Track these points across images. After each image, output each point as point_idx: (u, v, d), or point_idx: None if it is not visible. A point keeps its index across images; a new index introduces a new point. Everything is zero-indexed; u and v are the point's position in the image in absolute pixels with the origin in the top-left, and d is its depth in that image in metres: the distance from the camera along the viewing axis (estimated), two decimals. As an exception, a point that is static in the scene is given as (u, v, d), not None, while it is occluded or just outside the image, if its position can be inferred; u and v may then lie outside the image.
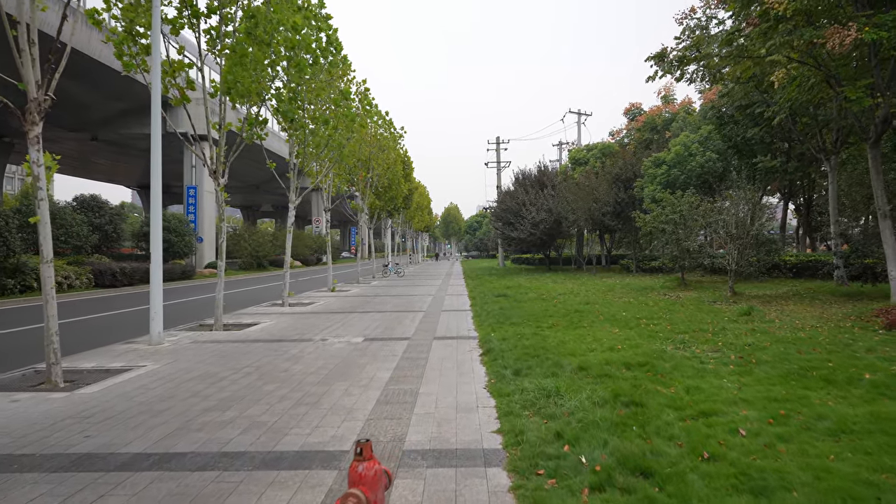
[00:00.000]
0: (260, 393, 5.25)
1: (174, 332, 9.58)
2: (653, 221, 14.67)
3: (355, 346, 7.83)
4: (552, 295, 14.66)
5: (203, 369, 6.35)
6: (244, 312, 12.47)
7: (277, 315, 11.83)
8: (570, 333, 8.01)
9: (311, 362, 6.68)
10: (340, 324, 10.20)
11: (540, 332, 8.11)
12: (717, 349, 6.45)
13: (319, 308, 13.20)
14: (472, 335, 8.57)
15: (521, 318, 9.98)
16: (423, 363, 6.53)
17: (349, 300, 15.14)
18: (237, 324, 10.60)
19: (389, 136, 23.16)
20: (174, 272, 23.22)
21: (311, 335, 8.88)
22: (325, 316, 11.50)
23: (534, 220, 25.82)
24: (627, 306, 11.33)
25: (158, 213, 8.31)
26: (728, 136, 18.98)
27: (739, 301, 11.35)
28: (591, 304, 11.77)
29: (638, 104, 28.83)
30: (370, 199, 24.68)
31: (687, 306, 10.82)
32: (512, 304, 12.31)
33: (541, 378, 5.32)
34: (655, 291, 14.24)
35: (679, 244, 13.95)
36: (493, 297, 14.64)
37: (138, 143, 34.35)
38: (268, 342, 8.27)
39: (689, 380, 4.97)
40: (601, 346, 6.91)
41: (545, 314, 10.36)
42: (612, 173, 22.71)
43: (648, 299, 12.57)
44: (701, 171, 18.22)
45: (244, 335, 9.04)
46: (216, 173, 10.01)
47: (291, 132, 13.72)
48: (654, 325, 8.49)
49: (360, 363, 6.58)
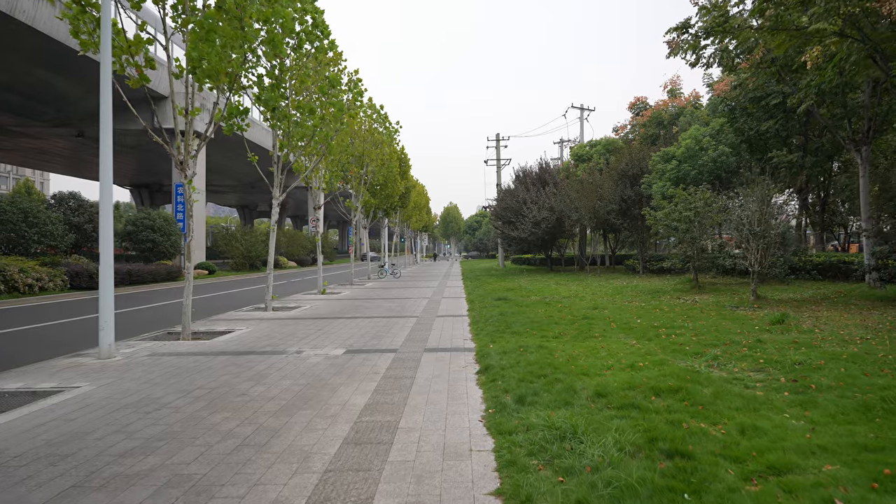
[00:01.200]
0: (201, 427, 4.22)
1: (135, 341, 8.54)
2: (665, 219, 13.64)
3: (333, 360, 6.79)
4: (556, 298, 13.62)
5: (145, 392, 5.31)
6: (221, 318, 11.44)
7: (256, 321, 10.80)
8: (581, 346, 6.97)
9: (275, 383, 5.64)
10: (322, 332, 9.16)
11: (546, 344, 7.08)
12: (760, 368, 5.40)
13: (304, 313, 12.17)
14: (468, 346, 7.54)
15: (523, 325, 8.94)
16: (408, 384, 5.49)
17: (338, 304, 14.11)
18: (209, 332, 9.58)
19: (384, 130, 22.11)
20: (159, 273, 22.17)
21: (286, 346, 7.84)
22: (307, 322, 10.47)
23: (535, 218, 24.77)
24: (640, 312, 10.29)
25: (109, 206, 7.28)
26: (740, 130, 17.95)
27: (765, 306, 10.31)
28: (599, 310, 10.74)
29: (643, 98, 27.72)
30: (365, 197, 23.66)
31: (707, 312, 9.77)
32: (513, 309, 11.28)
33: (550, 408, 4.29)
34: (668, 294, 13.20)
35: (693, 243, 12.91)
36: (492, 300, 13.61)
37: (127, 140, 33.31)
38: (235, 355, 7.24)
39: (740, 414, 3.93)
40: (619, 362, 5.86)
41: (550, 321, 9.32)
42: (617, 169, 21.65)
43: (662, 303, 11.54)
44: (713, 166, 17.17)
45: (211, 346, 8.00)
46: (183, 164, 8.98)
47: (274, 123, 12.69)
48: (676, 335, 7.44)
49: (334, 384, 5.55)
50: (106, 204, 7.23)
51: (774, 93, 16.57)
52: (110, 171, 7.28)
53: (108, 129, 7.32)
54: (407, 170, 31.01)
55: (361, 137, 21.30)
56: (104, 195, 7.24)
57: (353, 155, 20.95)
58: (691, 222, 12.83)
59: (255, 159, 13.06)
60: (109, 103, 7.32)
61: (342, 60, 15.93)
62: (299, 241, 43.15)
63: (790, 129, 17.21)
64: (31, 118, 28.67)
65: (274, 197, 13.46)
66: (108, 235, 7.22)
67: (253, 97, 12.39)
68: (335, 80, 12.62)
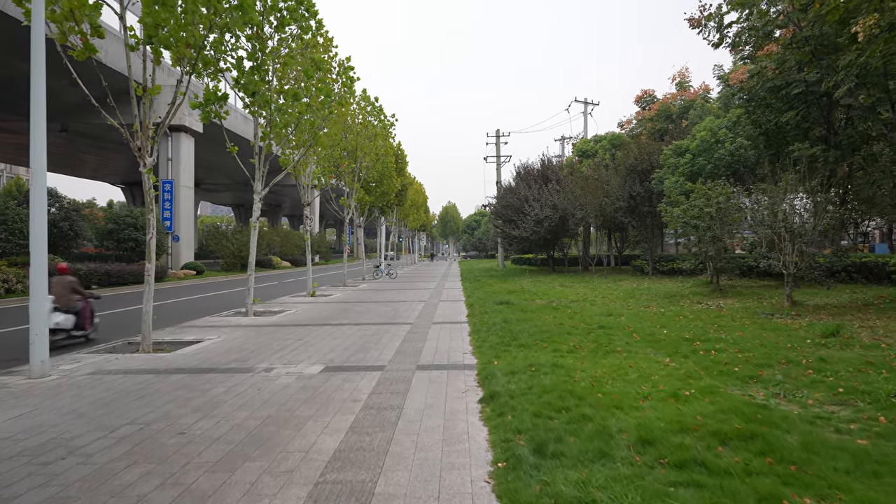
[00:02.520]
0: (103, 492, 3.08)
1: (84, 354, 7.40)
2: (683, 216, 12.50)
3: (306, 381, 5.65)
4: (563, 302, 12.49)
5: (59, 430, 4.17)
6: (194, 325, 10.29)
7: (232, 329, 9.65)
8: (603, 364, 5.85)
9: (228, 415, 4.50)
10: (303, 342, 8.03)
11: (561, 362, 5.95)
12: (843, 400, 4.27)
13: (286, 319, 11.03)
14: (468, 362, 6.41)
15: (531, 335, 7.81)
16: (394, 417, 4.36)
17: (326, 308, 12.97)
18: (175, 341, 8.45)
19: (379, 124, 20.96)
20: (140, 274, 20.97)
21: (256, 361, 6.70)
22: (288, 331, 9.32)
23: (537, 217, 23.64)
24: (662, 319, 9.17)
25: (42, 197, 6.13)
26: (757, 122, 16.83)
27: (803, 313, 9.15)
28: (615, 317, 9.61)
29: (651, 91, 26.52)
30: (359, 194, 22.51)
31: (740, 321, 8.64)
32: (517, 315, 10.15)
33: (582, 463, 3.16)
34: (686, 298, 12.08)
35: (714, 242, 11.79)
36: (493, 304, 12.48)
37: (115, 136, 32.07)
38: (192, 373, 6.10)
39: (856, 482, 2.80)
40: (656, 389, 4.74)
41: (561, 331, 8.19)
42: (625, 164, 20.48)
43: (683, 309, 10.41)
44: (731, 160, 16.04)
45: (169, 361, 6.86)
46: (141, 151, 7.83)
47: (254, 110, 11.55)
48: (715, 351, 6.29)
49: (301, 417, 4.41)
50: (38, 194, 6.09)
51: (796, 81, 15.43)
52: (43, 157, 6.15)
53: (40, 105, 6.17)
54: (404, 166, 29.86)
55: (355, 131, 20.17)
56: (36, 184, 6.10)
57: (346, 149, 19.82)
58: (713, 219, 11.70)
59: (234, 150, 11.94)
60: (41, 74, 6.15)
61: (333, 47, 14.81)
62: (293, 241, 41.98)
63: (812, 121, 16.09)
64: (9, 112, 27.44)
65: (255, 191, 12.33)
66: (41, 231, 6.08)
67: (232, 81, 11.31)
68: (321, 63, 11.47)
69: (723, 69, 23.13)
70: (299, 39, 11.92)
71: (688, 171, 16.63)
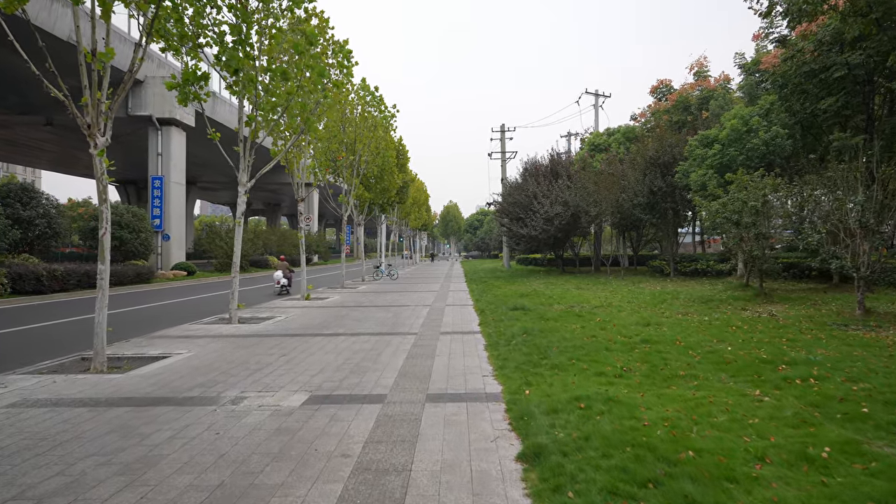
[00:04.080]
0: None
1: (19, 375, 6.06)
2: (722, 210, 11.12)
3: (283, 420, 4.31)
4: (586, 308, 11.14)
5: None
6: (167, 334, 8.95)
7: (209, 339, 8.31)
8: (670, 397, 4.50)
9: (162, 481, 3.16)
10: (287, 360, 6.68)
11: (614, 394, 4.60)
12: None
13: (274, 327, 9.69)
14: (491, 390, 5.07)
15: (563, 352, 6.47)
16: (398, 492, 3.01)
17: (320, 313, 11.62)
18: (137, 357, 7.12)
19: (379, 113, 19.61)
20: (125, 275, 19.65)
21: (225, 387, 5.36)
22: (272, 342, 7.98)
23: (547, 214, 22.26)
24: (713, 330, 7.82)
25: None
26: (791, 110, 15.45)
27: (883, 323, 7.74)
28: (654, 327, 8.25)
29: (667, 81, 25.02)
30: (358, 191, 21.16)
31: (811, 333, 7.23)
32: (539, 325, 8.80)
33: None
34: (726, 304, 10.72)
35: (760, 240, 10.42)
36: (507, 309, 11.14)
37: (103, 130, 30.75)
38: (139, 407, 4.76)
39: None
40: (766, 441, 3.40)
41: (597, 345, 6.84)
42: (646, 157, 19.09)
43: (731, 317, 9.04)
44: (765, 151, 14.66)
45: (117, 386, 5.52)
46: (91, 128, 6.48)
47: (238, 90, 10.22)
48: (813, 378, 4.88)
49: (264, 488, 3.07)
50: None
51: (836, 64, 14.08)
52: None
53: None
54: (405, 162, 28.50)
55: (354, 123, 18.82)
56: None
57: (344, 141, 18.48)
58: (757, 214, 10.34)
59: (216, 137, 10.63)
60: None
61: (329, 28, 13.44)
62: (291, 240, 40.66)
63: (853, 108, 14.72)
64: (-8, 105, 26.13)
65: (240, 183, 10.99)
66: None
67: (213, 59, 10.00)
68: (312, 35, 10.11)
69: (744, 57, 21.71)
70: (289, 12, 10.60)
71: (717, 162, 15.23)
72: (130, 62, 6.68)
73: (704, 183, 15.13)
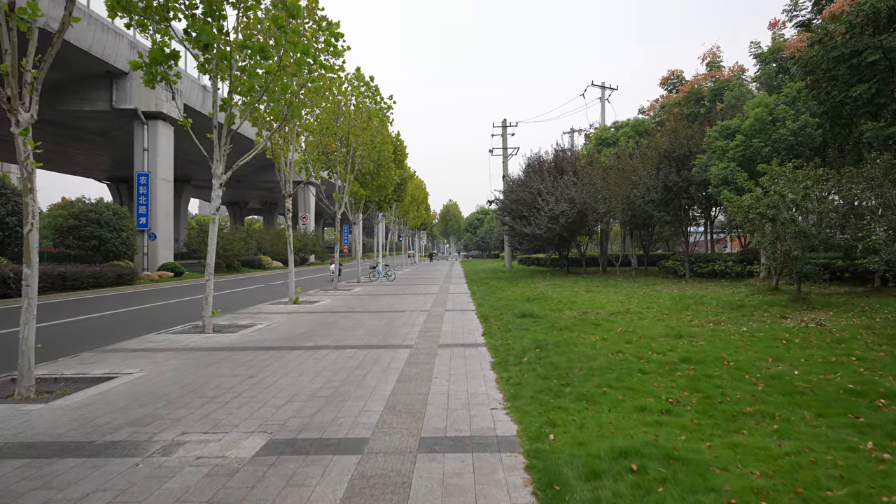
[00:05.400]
0: None
1: (-86, 407, 4.88)
2: (755, 205, 9.91)
3: (220, 486, 3.15)
4: (602, 315, 9.99)
5: None
6: (122, 347, 7.78)
7: (170, 354, 7.15)
8: (750, 451, 3.34)
9: None
10: (253, 384, 5.51)
11: (668, 441, 3.46)
12: None
13: (250, 338, 8.52)
14: (502, 431, 3.91)
15: (587, 375, 5.31)
16: None
17: (306, 320, 10.46)
18: (78, 377, 5.98)
19: (374, 105, 18.43)
20: (105, 276, 18.45)
21: (163, 425, 4.21)
22: (243, 358, 6.81)
23: (552, 212, 21.09)
24: (760, 345, 6.65)
25: None
26: (818, 98, 14.28)
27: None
28: (688, 339, 7.09)
29: (679, 72, 23.76)
30: (353, 187, 20.00)
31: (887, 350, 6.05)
32: (551, 336, 7.65)
33: None
34: (761, 311, 9.54)
35: (802, 239, 9.24)
36: (513, 316, 9.98)
37: (89, 125, 29.61)
38: (35, 460, 3.60)
39: None
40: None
41: (627, 365, 5.68)
42: (659, 150, 17.90)
43: (775, 328, 7.85)
44: (794, 141, 13.47)
45: (28, 423, 4.37)
46: (12, 101, 5.30)
47: (210, 69, 9.05)
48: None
49: None
50: None
51: (870, 48, 12.92)
52: None
53: None
54: (403, 158, 27.32)
55: (347, 114, 17.65)
56: None
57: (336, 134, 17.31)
58: (798, 209, 9.18)
59: (188, 123, 9.50)
60: None
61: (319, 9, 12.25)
62: (284, 239, 39.46)
63: (887, 95, 13.55)
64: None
65: (214, 175, 9.82)
66: None
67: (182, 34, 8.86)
68: (295, 9, 8.94)
69: (760, 46, 20.52)
70: (269, -17, 9.44)
71: (740, 154, 14.05)
72: (61, 21, 5.49)
73: (726, 177, 13.96)
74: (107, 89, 24.88)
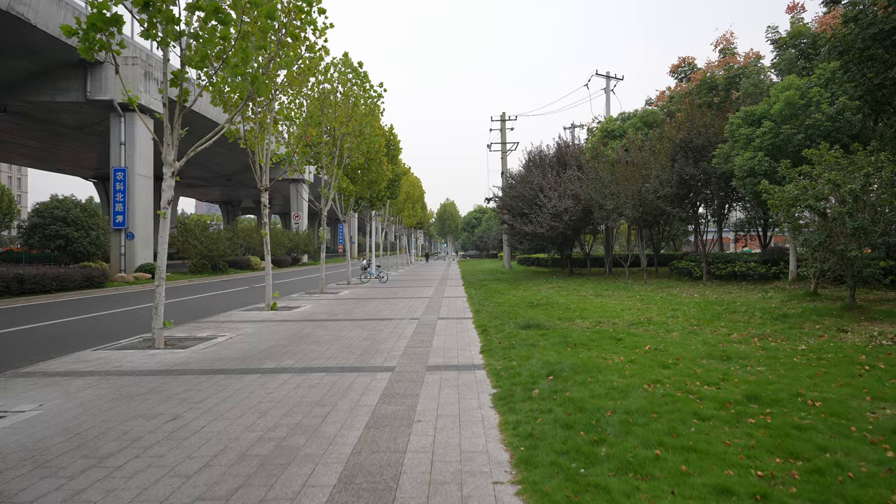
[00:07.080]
0: None
1: None
2: (803, 197, 8.44)
3: None
4: (619, 325, 8.57)
5: None
6: (35, 371, 6.31)
7: (90, 381, 5.70)
8: None
9: None
10: (171, 430, 4.08)
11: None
12: None
13: (203, 356, 7.07)
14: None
15: (627, 427, 3.87)
16: None
17: (278, 331, 9.01)
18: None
19: (363, 92, 16.97)
20: (70, 279, 16.95)
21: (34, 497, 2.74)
22: (179, 386, 5.37)
23: (555, 209, 19.67)
24: (841, 374, 5.23)
25: None
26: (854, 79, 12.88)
27: None
28: (739, 362, 5.66)
29: (690, 59, 22.26)
30: (342, 182, 18.54)
31: None
32: (566, 356, 6.22)
33: None
34: (809, 321, 8.11)
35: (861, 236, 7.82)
36: (517, 328, 8.56)
37: (65, 119, 28.06)
38: None
39: None
40: None
41: (674, 405, 4.26)
42: (675, 140, 16.43)
43: (843, 346, 6.41)
44: (830, 127, 12.04)
45: None
46: None
47: (154, 34, 7.59)
48: None
49: None
50: None
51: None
52: None
53: None
54: (396, 153, 25.83)
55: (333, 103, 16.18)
56: None
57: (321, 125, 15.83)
58: (857, 201, 7.74)
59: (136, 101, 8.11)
60: None
61: None
62: (276, 240, 38.01)
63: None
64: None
65: (166, 163, 8.38)
66: None
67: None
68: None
69: (778, 31, 19.12)
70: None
71: (768, 143, 12.62)
72: None
73: (753, 167, 12.54)
74: (81, 79, 23.36)
